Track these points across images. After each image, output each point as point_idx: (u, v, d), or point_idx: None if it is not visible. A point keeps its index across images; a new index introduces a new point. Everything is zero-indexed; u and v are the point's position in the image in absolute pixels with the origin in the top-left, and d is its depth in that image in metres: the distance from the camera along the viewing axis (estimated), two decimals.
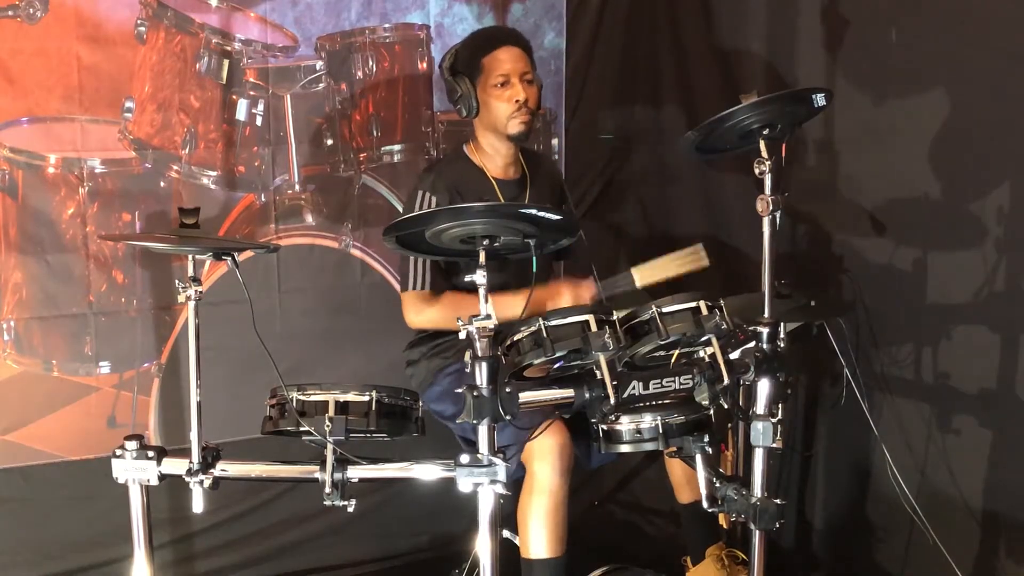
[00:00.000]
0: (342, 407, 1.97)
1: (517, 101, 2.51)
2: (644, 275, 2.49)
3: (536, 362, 1.94)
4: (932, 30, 2.52)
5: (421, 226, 1.91)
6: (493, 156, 2.63)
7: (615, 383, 1.90)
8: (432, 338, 2.65)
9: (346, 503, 2.01)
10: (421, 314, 2.56)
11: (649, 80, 3.42)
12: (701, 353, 2.01)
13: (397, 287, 2.73)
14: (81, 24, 2.65)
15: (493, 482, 1.92)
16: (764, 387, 2.09)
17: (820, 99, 2.11)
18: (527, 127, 2.55)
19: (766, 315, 2.10)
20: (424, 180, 2.59)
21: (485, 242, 1.88)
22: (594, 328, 1.90)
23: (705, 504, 2.12)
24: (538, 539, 2.32)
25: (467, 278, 1.89)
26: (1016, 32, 2.31)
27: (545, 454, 2.30)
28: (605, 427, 2.05)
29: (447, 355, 2.61)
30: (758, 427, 2.08)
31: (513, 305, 1.99)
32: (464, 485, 1.93)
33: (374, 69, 3.01)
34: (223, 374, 2.69)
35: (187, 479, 2.04)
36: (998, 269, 2.39)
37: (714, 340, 1.97)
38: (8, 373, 2.73)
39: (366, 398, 1.99)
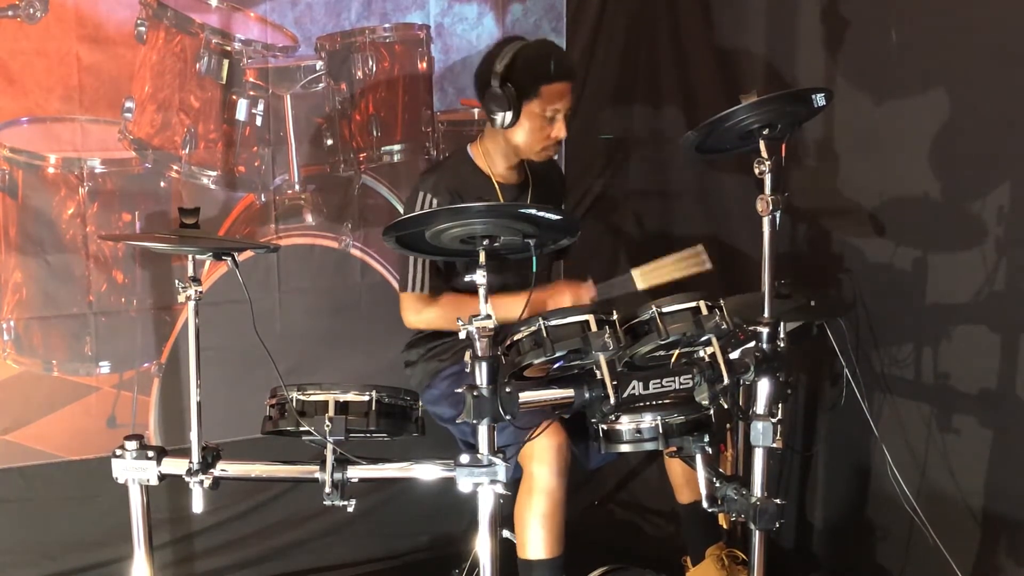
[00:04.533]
0: (342, 407, 1.98)
1: (557, 139, 2.51)
2: (645, 277, 2.47)
3: (536, 362, 1.94)
4: (932, 30, 2.52)
5: (421, 226, 1.91)
6: (498, 160, 2.62)
7: (615, 383, 1.90)
8: (429, 339, 2.65)
9: (346, 503, 2.01)
10: (419, 315, 2.56)
11: (649, 80, 3.42)
12: (701, 353, 2.01)
13: (397, 287, 2.73)
14: (81, 24, 2.65)
15: (493, 482, 1.92)
16: (764, 387, 2.09)
17: (820, 99, 2.11)
18: (550, 159, 2.58)
19: (766, 315, 2.10)
20: (425, 181, 2.58)
21: (485, 242, 1.88)
22: (594, 328, 1.90)
23: (705, 504, 2.12)
24: (536, 539, 2.32)
25: (467, 278, 1.89)
26: (1016, 32, 2.31)
27: (542, 455, 2.30)
28: (605, 427, 2.05)
29: (444, 358, 2.61)
30: (758, 427, 2.08)
31: (512, 307, 1.99)
32: (464, 485, 1.93)
33: (374, 69, 3.01)
34: (223, 374, 2.69)
35: (187, 479, 2.05)
36: (998, 269, 2.39)
37: (714, 340, 1.97)
38: (8, 373, 2.73)
39: (366, 398, 1.99)
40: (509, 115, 2.44)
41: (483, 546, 1.96)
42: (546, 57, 2.51)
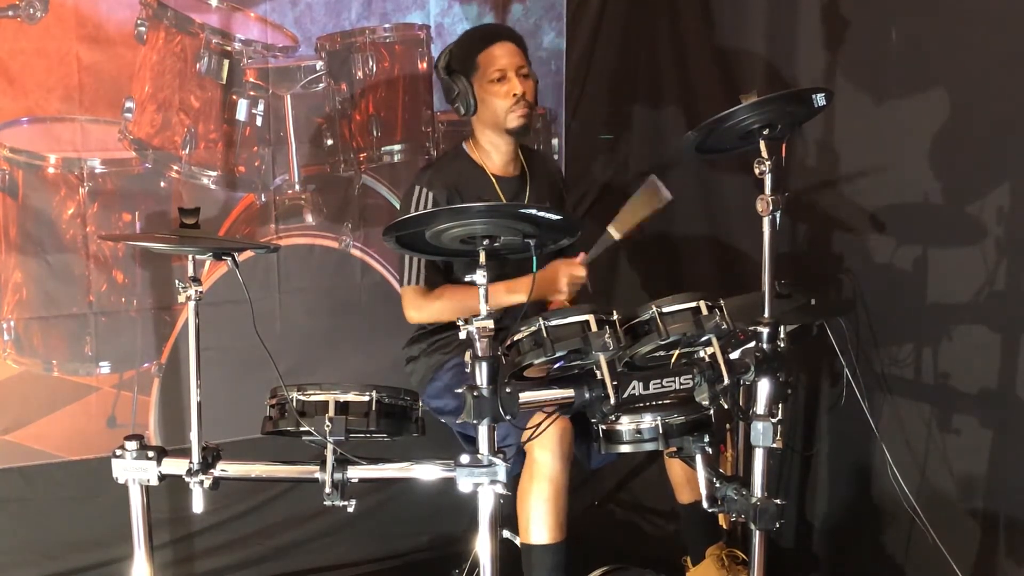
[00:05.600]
0: (342, 407, 1.97)
1: (515, 95, 2.51)
2: (618, 227, 2.48)
3: (536, 362, 1.94)
4: (932, 30, 2.52)
5: (421, 226, 1.91)
6: (492, 153, 2.63)
7: (615, 383, 1.90)
8: (431, 334, 2.65)
9: (346, 503, 2.01)
10: (421, 310, 2.56)
11: (649, 80, 3.42)
12: (701, 353, 2.01)
13: (397, 286, 2.73)
14: (81, 24, 2.65)
15: (493, 482, 1.92)
16: (764, 387, 2.09)
17: (820, 99, 2.10)
18: (526, 120, 2.56)
19: (766, 315, 2.10)
20: (422, 177, 2.59)
21: (485, 242, 1.88)
22: (594, 328, 1.90)
23: (705, 504, 2.12)
24: (538, 524, 2.32)
25: (467, 278, 1.89)
26: (1016, 32, 2.31)
27: (545, 440, 2.29)
28: (605, 427, 2.05)
29: (447, 350, 2.61)
30: (758, 427, 2.08)
31: (511, 290, 1.97)
32: (464, 485, 1.93)
33: (374, 69, 3.01)
34: (223, 374, 2.69)
35: (187, 479, 2.04)
36: (998, 269, 2.39)
37: (714, 340, 1.97)
38: (8, 373, 2.73)
39: (366, 398, 1.99)
40: (469, 98, 2.54)
41: (483, 546, 1.96)
42: (472, 32, 2.67)
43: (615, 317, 1.94)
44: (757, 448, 2.10)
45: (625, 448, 2.06)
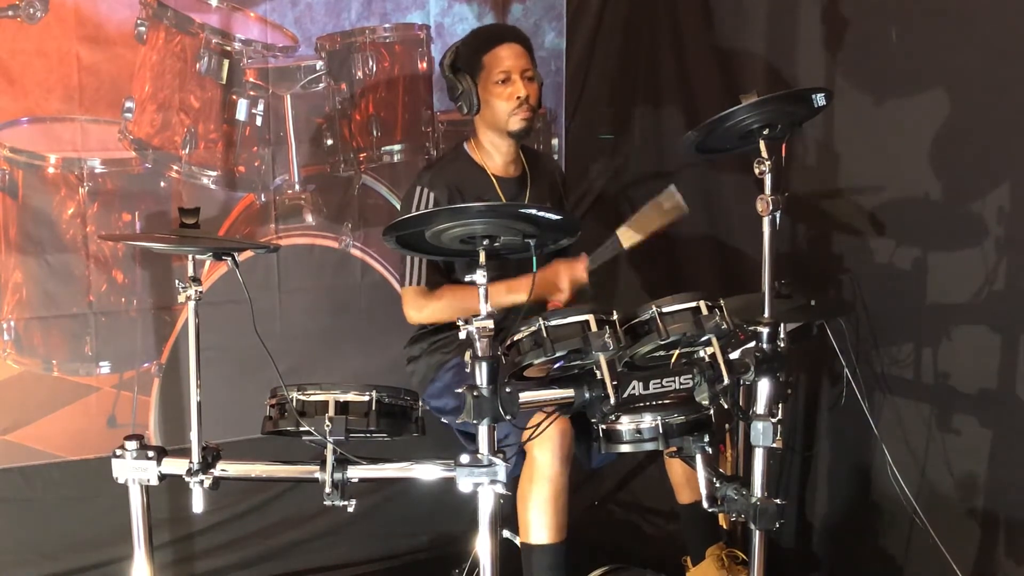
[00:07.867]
0: (342, 407, 1.98)
1: (518, 98, 2.51)
2: (629, 234, 2.48)
3: (536, 362, 1.94)
4: (932, 30, 2.52)
5: (421, 226, 1.91)
6: (493, 154, 2.63)
7: (615, 383, 1.90)
8: (432, 334, 2.65)
9: (346, 503, 2.01)
10: (421, 310, 2.56)
11: (649, 80, 3.42)
12: (701, 353, 2.01)
13: (397, 286, 2.73)
14: (81, 24, 2.65)
15: (493, 482, 1.92)
16: (764, 387, 2.09)
17: (820, 99, 2.10)
18: (528, 124, 2.56)
19: (766, 315, 2.10)
20: (423, 177, 2.60)
21: (485, 242, 1.88)
22: (594, 328, 1.90)
23: (705, 504, 2.12)
24: (538, 525, 2.32)
25: (467, 278, 1.89)
26: (1016, 32, 2.31)
27: (545, 440, 2.29)
28: (605, 427, 2.05)
29: (447, 350, 2.61)
30: (758, 427, 2.08)
31: (511, 290, 1.98)
32: (464, 485, 1.93)
33: (374, 69, 3.01)
34: (223, 374, 2.68)
35: (187, 479, 2.04)
36: (998, 269, 2.39)
37: (714, 340, 1.97)
38: (8, 373, 2.73)
39: (366, 398, 1.99)
40: (472, 98, 2.54)
41: (483, 546, 1.96)
42: (479, 32, 2.66)
43: (615, 317, 1.94)
44: (757, 448, 2.10)
45: (625, 448, 2.06)
